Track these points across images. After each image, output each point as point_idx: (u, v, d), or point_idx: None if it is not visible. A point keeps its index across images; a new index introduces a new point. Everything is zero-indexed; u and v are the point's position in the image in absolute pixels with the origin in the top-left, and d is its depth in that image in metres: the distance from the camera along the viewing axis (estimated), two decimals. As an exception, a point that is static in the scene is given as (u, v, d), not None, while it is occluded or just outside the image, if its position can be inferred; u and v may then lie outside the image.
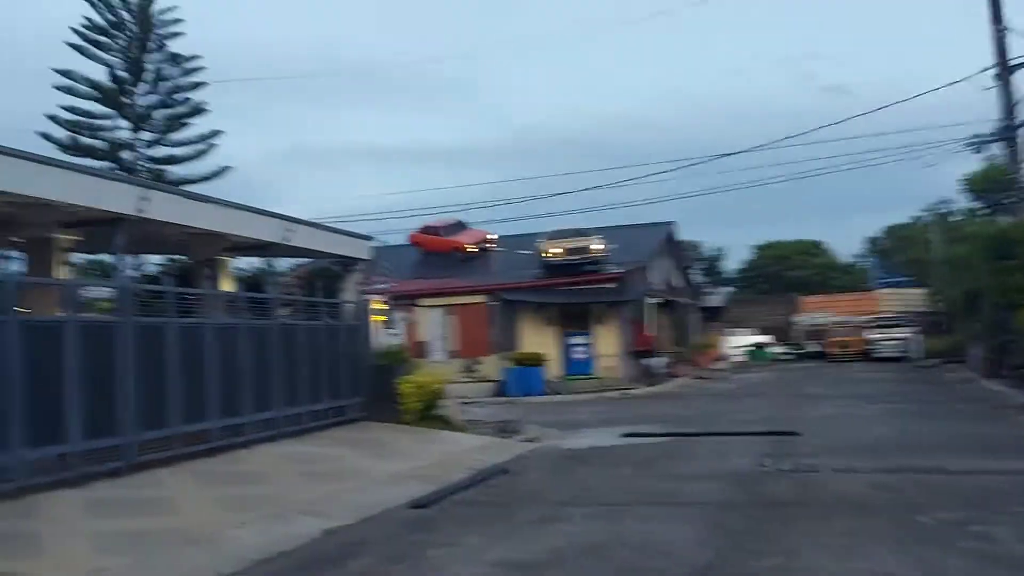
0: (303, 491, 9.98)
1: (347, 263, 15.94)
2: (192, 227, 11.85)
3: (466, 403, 25.48)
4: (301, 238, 13.57)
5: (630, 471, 11.59)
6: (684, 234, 44.85)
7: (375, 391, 15.64)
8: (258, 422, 12.35)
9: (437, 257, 34.54)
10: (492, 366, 28.20)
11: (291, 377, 13.25)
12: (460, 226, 35.36)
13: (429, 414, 15.96)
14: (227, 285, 13.74)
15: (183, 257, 15.44)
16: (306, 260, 17.84)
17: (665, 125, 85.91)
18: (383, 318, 16.56)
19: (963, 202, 40.99)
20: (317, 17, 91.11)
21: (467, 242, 34.65)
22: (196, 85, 31.41)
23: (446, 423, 16.03)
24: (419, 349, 29.39)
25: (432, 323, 29.54)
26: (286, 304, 13.95)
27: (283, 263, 18.13)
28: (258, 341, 12.52)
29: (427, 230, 35.62)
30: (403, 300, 29.76)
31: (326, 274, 17.29)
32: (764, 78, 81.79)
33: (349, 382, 15.10)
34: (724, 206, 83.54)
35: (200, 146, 31.17)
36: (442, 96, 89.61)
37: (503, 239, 34.84)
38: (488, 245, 35.20)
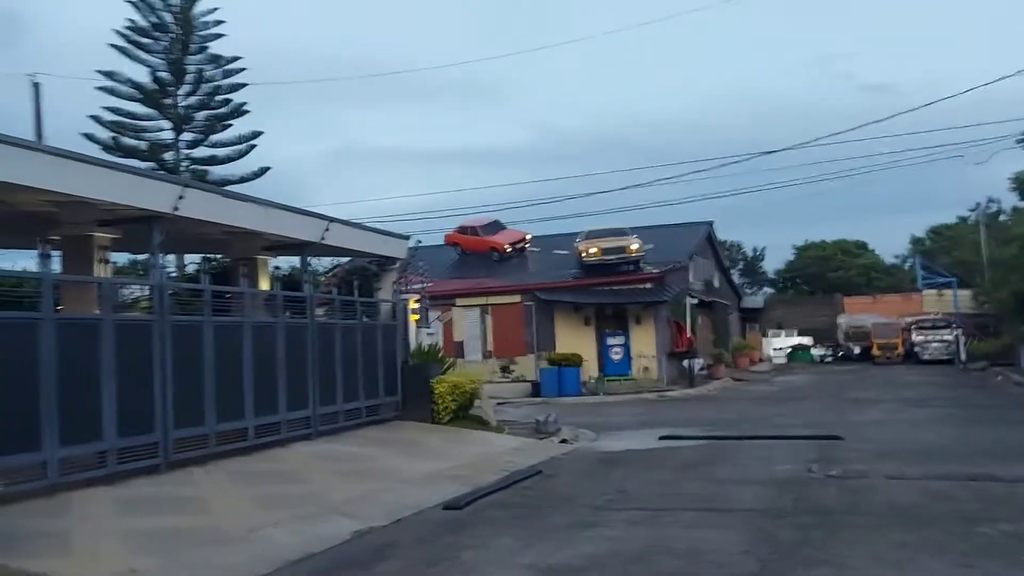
0: (337, 491, 9.86)
1: (384, 262, 15.84)
2: (228, 225, 11.80)
3: (502, 403, 25.37)
4: (338, 237, 13.49)
5: (669, 475, 11.30)
6: (724, 234, 44.43)
7: (411, 390, 15.53)
8: (293, 420, 12.29)
9: (474, 257, 34.44)
10: (528, 366, 28.01)
11: (326, 376, 13.18)
12: (497, 226, 35.19)
13: (464, 414, 15.82)
14: (264, 284, 13.69)
15: (221, 256, 15.45)
16: (344, 259, 17.72)
17: (702, 126, 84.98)
18: (418, 317, 16.40)
19: (1011, 201, 39.98)
20: (352, 22, 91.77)
21: (504, 242, 34.49)
22: (237, 87, 31.67)
23: (481, 423, 15.87)
24: (456, 349, 29.34)
25: (469, 323, 29.44)
26: (322, 303, 13.87)
27: (321, 262, 18.06)
28: (294, 340, 12.46)
29: (464, 230, 35.52)
30: (440, 300, 29.72)
31: (363, 273, 17.21)
32: (802, 78, 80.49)
33: (384, 381, 15.00)
34: (766, 206, 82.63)
35: (240, 147, 31.41)
36: (479, 99, 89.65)
37: (540, 239, 34.62)
38: (525, 245, 35.01)
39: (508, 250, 34.37)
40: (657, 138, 77.72)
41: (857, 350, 43.91)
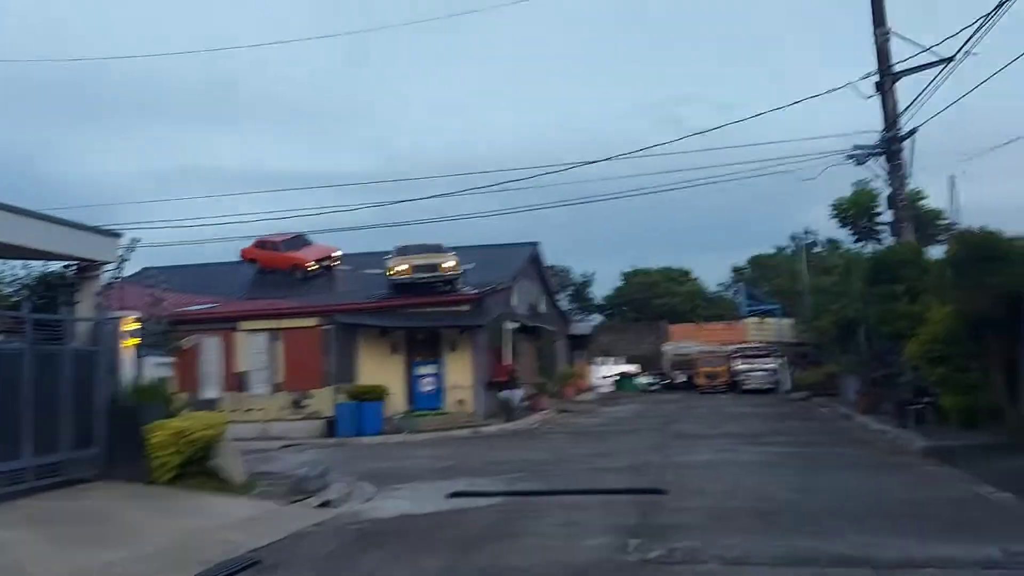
0: None
1: (84, 267, 11.82)
2: None
3: (287, 446, 21.54)
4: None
5: (443, 561, 8.10)
6: (553, 260, 42.41)
7: (121, 440, 11.57)
8: None
9: (275, 275, 30.33)
10: (326, 401, 24.25)
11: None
12: (301, 240, 31.23)
13: (197, 470, 12.01)
14: None
15: None
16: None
17: (532, 153, 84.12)
18: (135, 341, 12.40)
19: (827, 233, 40.42)
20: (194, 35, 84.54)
21: (308, 258, 30.58)
22: None
23: (220, 482, 12.10)
24: (235, 381, 25.11)
25: (253, 350, 25.24)
26: None
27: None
28: None
29: (262, 244, 31.32)
30: (218, 323, 25.47)
31: (60, 282, 12.96)
32: (634, 122, 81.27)
33: (75, 428, 10.99)
34: (592, 233, 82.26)
35: None
36: (323, 122, 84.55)
37: (352, 257, 30.97)
38: (333, 262, 31.25)
39: (313, 267, 30.50)
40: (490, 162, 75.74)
41: (683, 378, 43.04)
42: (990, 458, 12.61)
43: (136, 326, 12.38)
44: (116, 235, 12.09)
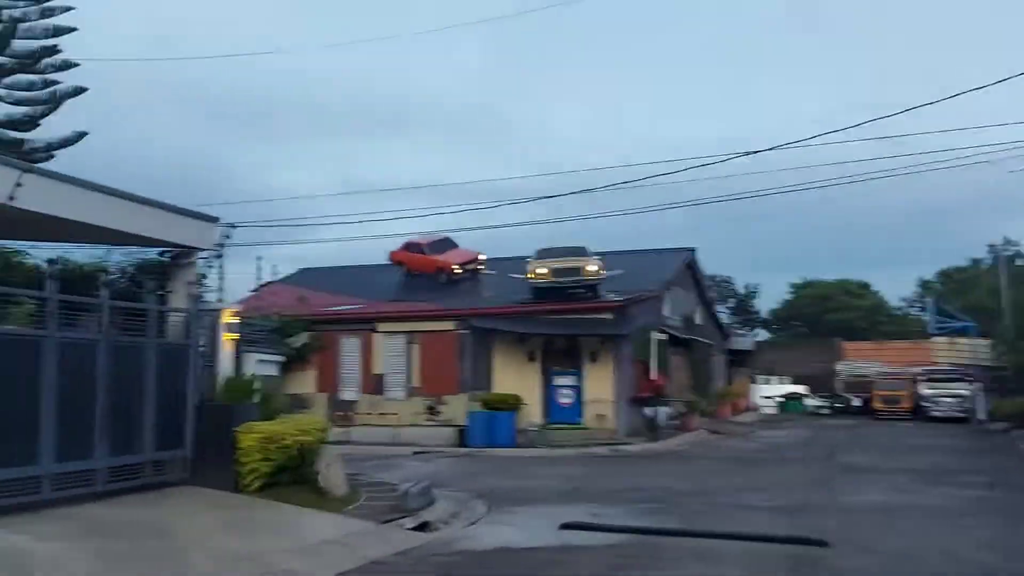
0: None
1: (177, 254, 11.12)
2: None
3: (418, 452, 20.63)
4: (49, 200, 8.78)
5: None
6: (712, 270, 39.70)
7: (209, 442, 10.75)
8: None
9: (421, 278, 29.79)
10: (459, 408, 23.16)
11: (16, 420, 8.41)
12: (447, 244, 30.51)
13: (291, 479, 11.01)
14: None
15: None
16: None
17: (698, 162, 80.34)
18: (234, 336, 11.58)
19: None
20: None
21: (452, 262, 29.80)
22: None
23: (315, 493, 11.04)
24: (373, 382, 24.59)
25: (390, 353, 24.59)
26: (4, 300, 8.93)
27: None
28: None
29: (409, 247, 30.88)
30: (356, 324, 25.09)
31: (156, 270, 12.37)
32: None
33: (160, 428, 10.23)
34: (759, 243, 77.53)
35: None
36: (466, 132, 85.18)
37: (500, 262, 29.90)
38: (478, 266, 30.33)
39: (458, 271, 29.70)
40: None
41: (857, 402, 38.91)
42: None
43: (237, 320, 11.58)
44: (211, 219, 11.33)
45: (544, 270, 24.07)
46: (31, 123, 25.39)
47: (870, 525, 10.59)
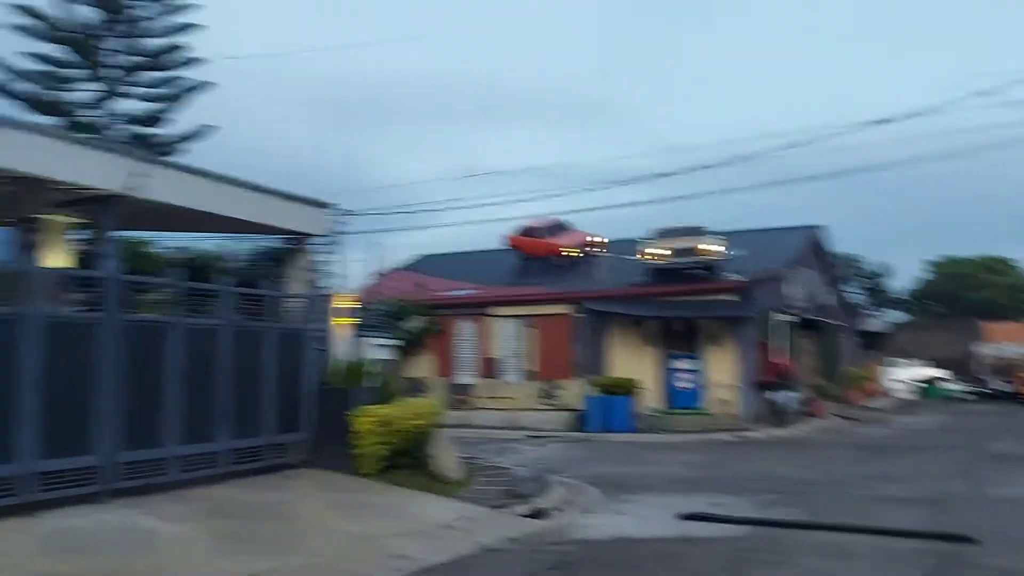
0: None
1: (290, 241, 11.30)
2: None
3: (533, 437, 20.55)
4: (171, 190, 9.04)
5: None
6: (842, 248, 37.70)
7: (327, 426, 10.93)
8: (61, 474, 7.88)
9: (537, 262, 29.67)
10: (575, 392, 22.91)
11: (143, 401, 8.74)
12: (560, 227, 30.23)
13: (407, 462, 11.06)
14: (60, 258, 9.44)
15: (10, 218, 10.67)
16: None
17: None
18: (349, 320, 11.72)
19: None
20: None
21: (568, 244, 29.52)
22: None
23: (429, 477, 11.05)
24: (489, 367, 24.67)
25: (505, 336, 24.59)
26: (135, 288, 9.26)
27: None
28: (73, 344, 8.10)
29: (527, 231, 30.77)
30: (471, 308, 25.22)
31: (273, 257, 12.63)
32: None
33: (280, 411, 10.46)
34: (892, 220, 73.33)
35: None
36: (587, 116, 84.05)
37: (619, 244, 29.37)
38: (593, 248, 29.88)
39: (575, 254, 29.38)
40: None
41: (1002, 387, 36.25)
42: None
43: (354, 305, 11.71)
44: (322, 204, 11.47)
45: (662, 251, 23.44)
46: (159, 119, 26.69)
47: (1019, 520, 9.68)
